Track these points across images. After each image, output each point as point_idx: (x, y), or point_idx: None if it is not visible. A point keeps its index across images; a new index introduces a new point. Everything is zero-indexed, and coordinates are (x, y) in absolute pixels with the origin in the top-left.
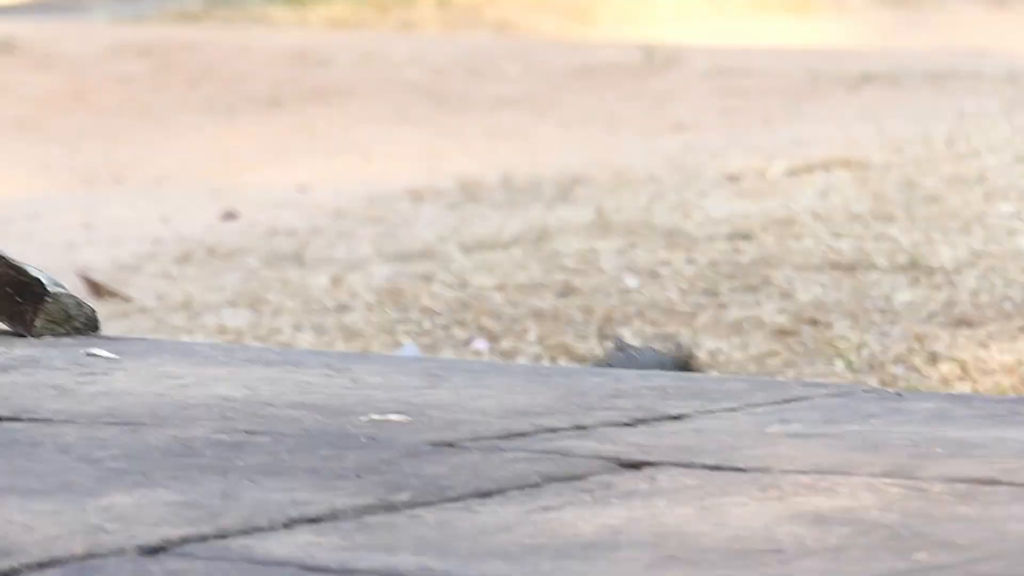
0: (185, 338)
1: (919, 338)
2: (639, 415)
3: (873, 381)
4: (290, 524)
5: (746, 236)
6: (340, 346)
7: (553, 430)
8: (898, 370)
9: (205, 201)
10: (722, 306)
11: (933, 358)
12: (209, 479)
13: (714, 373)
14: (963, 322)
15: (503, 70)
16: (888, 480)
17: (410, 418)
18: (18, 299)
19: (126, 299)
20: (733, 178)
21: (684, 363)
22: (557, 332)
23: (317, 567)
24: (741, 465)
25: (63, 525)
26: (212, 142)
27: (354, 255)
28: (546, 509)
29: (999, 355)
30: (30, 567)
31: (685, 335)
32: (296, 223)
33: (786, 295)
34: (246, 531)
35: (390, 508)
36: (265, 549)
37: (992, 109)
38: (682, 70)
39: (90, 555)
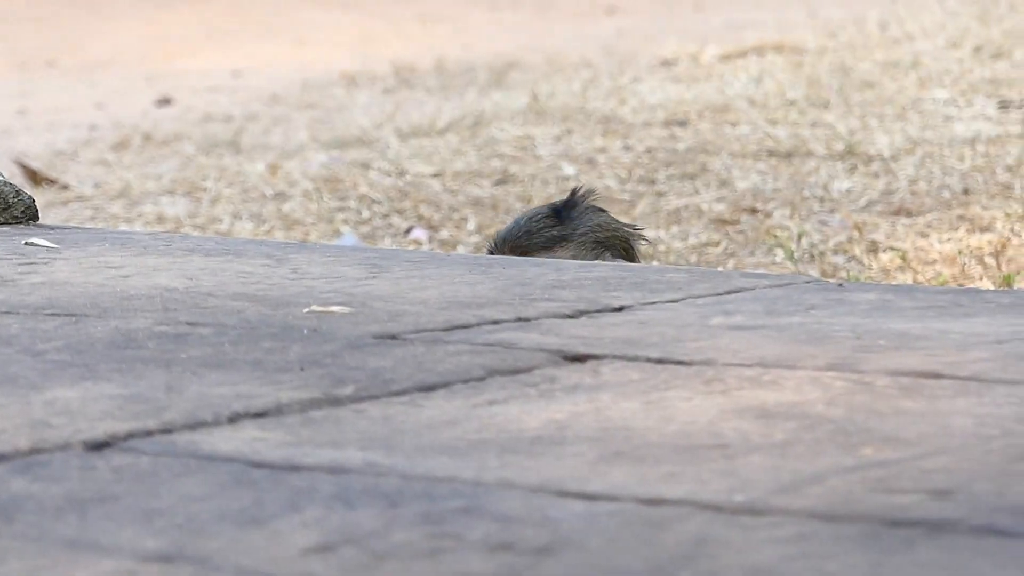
0: (124, 227)
1: (858, 227)
2: (581, 306)
3: (814, 271)
4: (235, 419)
5: (682, 123)
6: (279, 235)
7: (496, 322)
8: (838, 260)
9: (139, 86)
10: (660, 194)
11: (873, 247)
12: (153, 372)
13: (655, 263)
14: (902, 211)
15: None
16: (832, 373)
17: (352, 309)
18: None
19: (64, 187)
20: (667, 63)
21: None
22: (496, 221)
23: (263, 463)
24: (685, 358)
25: (8, 419)
26: (145, 27)
27: (290, 142)
28: (491, 403)
29: (939, 244)
30: None
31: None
32: (231, 109)
33: (724, 183)
34: (191, 426)
35: (335, 402)
36: (211, 444)
37: None
38: None
39: (35, 450)
